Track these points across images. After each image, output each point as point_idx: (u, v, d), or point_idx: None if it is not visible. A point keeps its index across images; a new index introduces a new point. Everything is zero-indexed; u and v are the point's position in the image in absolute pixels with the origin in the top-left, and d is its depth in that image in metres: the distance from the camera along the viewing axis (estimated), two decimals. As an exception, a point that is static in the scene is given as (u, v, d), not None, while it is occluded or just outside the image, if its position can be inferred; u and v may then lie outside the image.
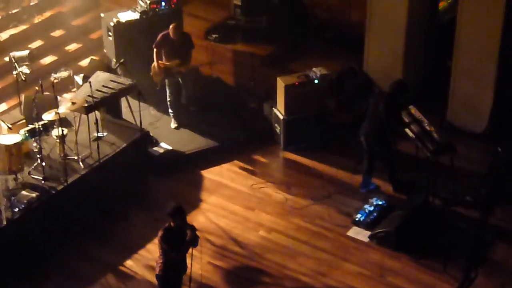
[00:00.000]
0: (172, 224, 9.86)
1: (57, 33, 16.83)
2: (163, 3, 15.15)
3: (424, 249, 11.76)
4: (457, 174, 12.66)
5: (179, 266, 10.17)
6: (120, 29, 14.94)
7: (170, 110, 14.43)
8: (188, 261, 10.18)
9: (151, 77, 14.10)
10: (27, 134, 11.96)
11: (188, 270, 10.26)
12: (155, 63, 13.95)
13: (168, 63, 13.89)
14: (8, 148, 11.62)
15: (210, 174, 13.58)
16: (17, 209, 11.37)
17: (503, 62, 13.72)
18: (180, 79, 14.19)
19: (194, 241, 9.91)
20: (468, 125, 14.18)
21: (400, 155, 13.19)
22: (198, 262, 10.88)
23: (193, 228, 9.93)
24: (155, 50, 13.93)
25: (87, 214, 12.16)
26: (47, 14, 17.00)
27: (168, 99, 14.35)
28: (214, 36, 16.18)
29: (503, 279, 11.29)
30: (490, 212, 11.51)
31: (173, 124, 14.44)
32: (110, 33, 15.04)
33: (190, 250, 10.08)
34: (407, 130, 12.65)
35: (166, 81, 14.14)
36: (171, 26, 13.80)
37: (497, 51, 13.64)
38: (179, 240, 9.87)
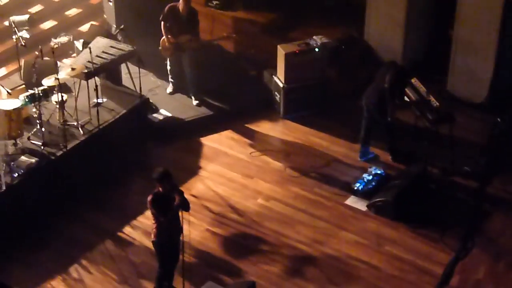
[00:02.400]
0: (160, 189, 9.89)
1: (58, -3, 16.78)
2: (164, -31, 15.06)
3: (421, 219, 11.81)
4: (456, 144, 12.69)
5: (173, 230, 10.17)
6: (121, -6, 14.91)
7: (170, 77, 14.38)
8: (186, 227, 10.22)
9: (159, 50, 13.91)
10: (26, 100, 11.94)
11: (186, 237, 10.30)
12: (164, 38, 13.77)
13: (179, 39, 13.75)
14: (7, 113, 11.61)
15: (209, 142, 13.59)
16: (16, 174, 11.40)
17: (504, 32, 13.66)
18: (186, 57, 13.97)
19: (183, 205, 9.87)
20: (468, 95, 14.17)
21: (399, 124, 13.19)
22: (196, 229, 10.96)
23: (181, 192, 9.90)
24: (162, 23, 13.70)
25: (86, 181, 12.17)
26: (47, -22, 16.92)
27: (168, 67, 14.29)
28: (214, 2, 16.11)
29: (500, 249, 11.35)
30: (488, 182, 11.52)
31: (169, 89, 14.39)
32: (110, -1, 15.01)
33: (188, 216, 10.12)
34: (407, 100, 12.71)
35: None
36: (181, 0, 13.67)
37: (498, 21, 13.59)
38: (169, 204, 9.88)
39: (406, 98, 12.80)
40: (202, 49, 14.27)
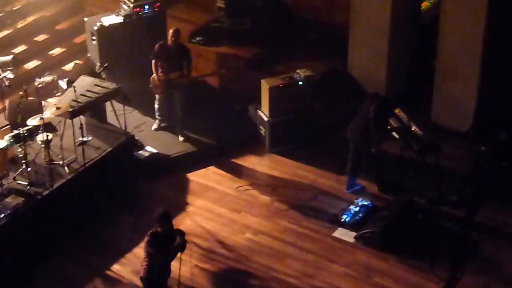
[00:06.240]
0: (158, 229, 9.89)
1: (41, 37, 16.78)
2: (146, 7, 15.13)
3: (410, 249, 11.80)
4: (442, 173, 12.72)
5: (164, 270, 10.20)
6: (104, 33, 14.93)
7: (157, 114, 14.41)
8: (176, 264, 10.20)
9: (150, 88, 13.98)
10: (11, 140, 11.90)
11: (176, 273, 10.27)
12: (154, 76, 13.83)
13: (170, 76, 13.82)
14: (-7, 154, 11.59)
15: (196, 177, 13.57)
16: (3, 215, 11.32)
17: (486, 60, 13.75)
18: (177, 94, 14.01)
19: (182, 247, 9.96)
20: (453, 124, 14.22)
21: (385, 156, 13.23)
22: (185, 265, 10.92)
23: (181, 233, 9.99)
24: (153, 61, 13.79)
25: (74, 219, 12.13)
26: (30, 18, 16.93)
27: (156, 106, 14.32)
28: (198, 39, 16.17)
29: (489, 278, 11.33)
30: (476, 211, 11.56)
31: (154, 126, 14.41)
32: (94, 37, 15.02)
33: (178, 254, 10.11)
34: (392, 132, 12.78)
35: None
36: (170, 31, 13.73)
37: (480, 50, 13.68)
38: (166, 245, 9.90)
39: (394, 133, 12.87)
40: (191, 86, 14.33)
